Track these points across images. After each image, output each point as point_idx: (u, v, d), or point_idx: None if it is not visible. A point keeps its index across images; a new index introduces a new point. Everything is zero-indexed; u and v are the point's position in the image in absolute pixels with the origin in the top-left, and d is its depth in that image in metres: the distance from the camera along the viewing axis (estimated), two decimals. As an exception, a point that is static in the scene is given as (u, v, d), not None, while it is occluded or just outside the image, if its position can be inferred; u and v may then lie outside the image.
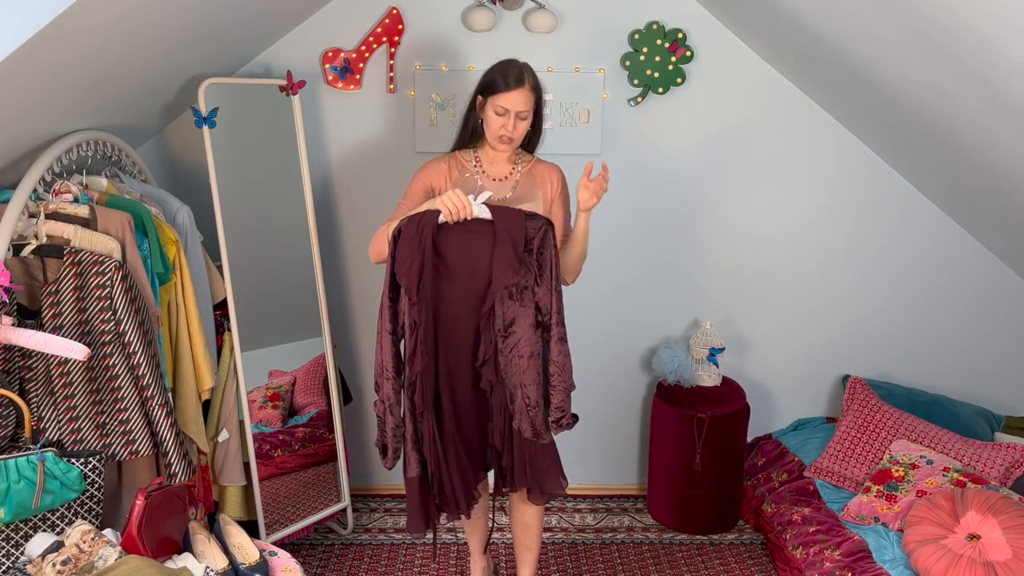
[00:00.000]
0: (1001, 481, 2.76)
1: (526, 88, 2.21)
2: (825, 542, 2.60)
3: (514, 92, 2.19)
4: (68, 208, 2.15)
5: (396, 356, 2.20)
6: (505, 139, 2.24)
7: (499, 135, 2.24)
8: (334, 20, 2.96)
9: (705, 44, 3.03)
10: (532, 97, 2.23)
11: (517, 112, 2.21)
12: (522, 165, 2.37)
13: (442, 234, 2.13)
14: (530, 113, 2.24)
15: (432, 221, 2.11)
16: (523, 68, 2.23)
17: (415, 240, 2.10)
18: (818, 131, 3.13)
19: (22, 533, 1.99)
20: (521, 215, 2.14)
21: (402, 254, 2.12)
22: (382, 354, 2.19)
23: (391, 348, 2.18)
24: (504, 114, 2.21)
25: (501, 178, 2.34)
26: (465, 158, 2.36)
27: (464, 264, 2.16)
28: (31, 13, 1.60)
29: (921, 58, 2.16)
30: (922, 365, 3.35)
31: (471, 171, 2.34)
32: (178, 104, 2.87)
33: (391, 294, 2.16)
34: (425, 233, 2.11)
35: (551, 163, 2.41)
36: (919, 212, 3.20)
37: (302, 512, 2.89)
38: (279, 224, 2.88)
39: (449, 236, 2.14)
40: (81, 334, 2.12)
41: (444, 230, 2.13)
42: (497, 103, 2.21)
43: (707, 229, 3.22)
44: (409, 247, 2.11)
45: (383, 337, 2.18)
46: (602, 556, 3.01)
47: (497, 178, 2.34)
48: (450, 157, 2.37)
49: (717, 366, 3.16)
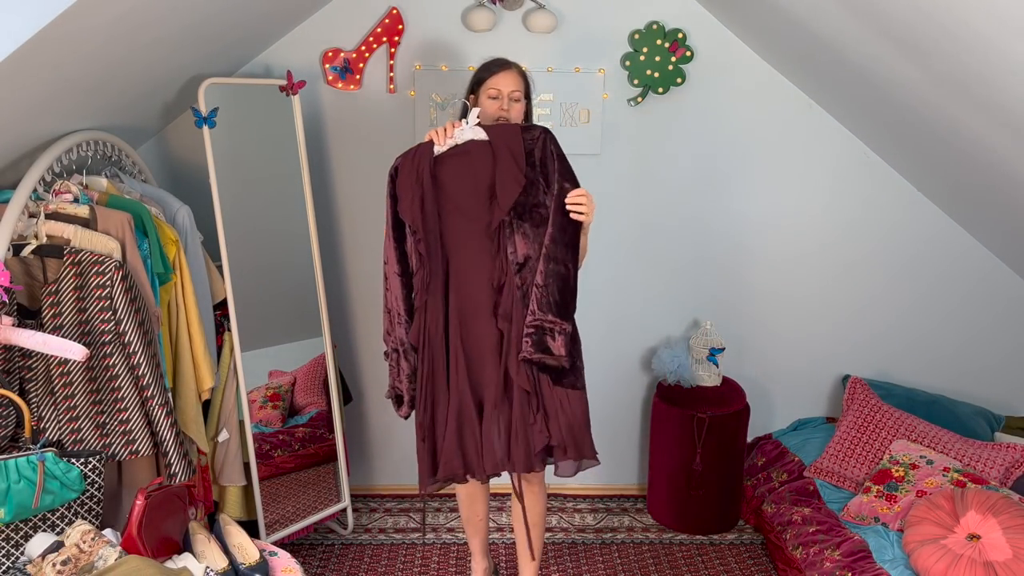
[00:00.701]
0: (1001, 481, 2.76)
1: (515, 71, 2.27)
2: (825, 542, 2.60)
3: (502, 73, 2.26)
4: (68, 208, 2.15)
5: (408, 299, 2.14)
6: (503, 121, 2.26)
7: (496, 117, 2.26)
8: (334, 20, 2.96)
9: (705, 44, 3.03)
10: (522, 82, 2.28)
11: (509, 92, 2.25)
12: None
13: (439, 164, 2.11)
14: (522, 95, 2.28)
15: (427, 152, 2.09)
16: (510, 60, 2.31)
17: (412, 174, 2.08)
18: (818, 131, 3.13)
19: (22, 533, 1.99)
20: (516, 128, 2.12)
21: (402, 191, 2.08)
22: (392, 297, 2.14)
23: (401, 290, 2.13)
24: (497, 96, 2.25)
25: None
26: None
27: (466, 190, 2.12)
28: (31, 13, 1.60)
29: (921, 58, 2.17)
30: (922, 365, 3.35)
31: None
32: (178, 104, 2.87)
33: (395, 235, 2.11)
34: (422, 165, 2.08)
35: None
36: (919, 212, 3.20)
37: (302, 512, 2.89)
38: (279, 224, 2.88)
39: (446, 164, 2.10)
40: (81, 334, 2.12)
41: (441, 160, 2.10)
42: (489, 86, 2.26)
43: (707, 229, 3.22)
44: (408, 181, 2.08)
45: (391, 280, 2.14)
46: (602, 556, 3.01)
47: None
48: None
49: (717, 366, 3.16)
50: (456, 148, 2.10)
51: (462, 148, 2.10)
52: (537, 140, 2.11)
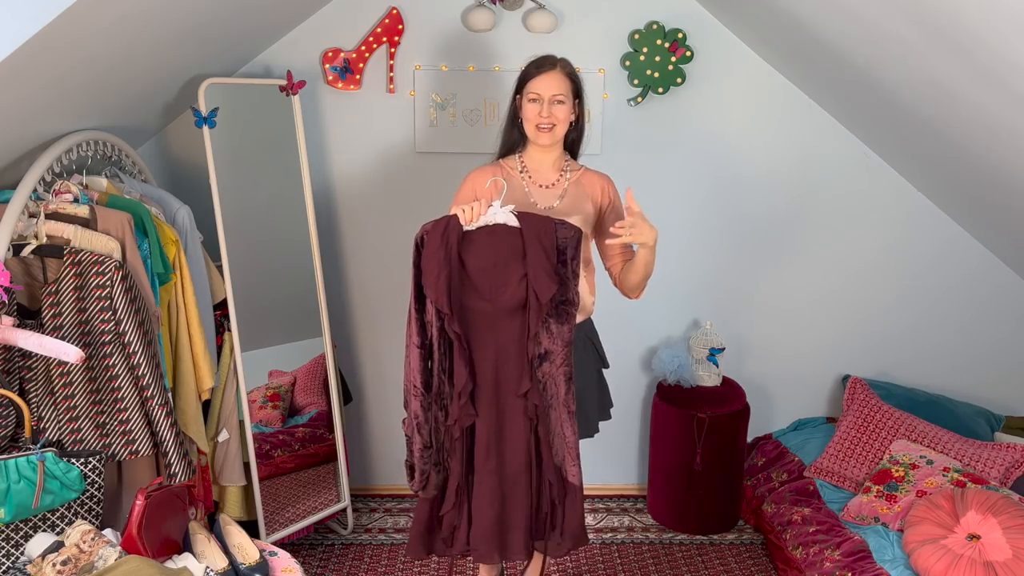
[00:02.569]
0: (1001, 481, 2.76)
1: (558, 71, 2.15)
2: (825, 542, 2.60)
3: (545, 75, 2.14)
4: (68, 208, 2.15)
5: (425, 371, 2.05)
6: (544, 128, 2.16)
7: (536, 123, 2.16)
8: (334, 20, 2.96)
9: (705, 44, 3.03)
10: (567, 82, 2.16)
11: (551, 96, 2.14)
12: (571, 174, 2.28)
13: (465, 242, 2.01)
14: (567, 98, 2.16)
15: (457, 227, 1.99)
16: (556, 57, 2.19)
17: (441, 250, 1.98)
18: (818, 131, 3.13)
19: (22, 533, 1.99)
20: (550, 222, 2.01)
21: (428, 265, 1.99)
22: (410, 369, 2.05)
23: (419, 363, 2.04)
24: (538, 100, 2.15)
25: (548, 185, 2.26)
26: (510, 165, 2.29)
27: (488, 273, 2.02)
28: (31, 14, 1.60)
29: (921, 58, 2.16)
30: (922, 365, 3.34)
31: (517, 178, 2.26)
32: (178, 104, 2.87)
33: (417, 304, 2.03)
34: (451, 242, 1.98)
35: (600, 172, 2.33)
36: (918, 211, 3.20)
37: (302, 512, 2.89)
38: (279, 224, 2.88)
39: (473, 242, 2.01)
40: (81, 334, 2.12)
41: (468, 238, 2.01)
42: (530, 90, 2.16)
43: (707, 228, 3.22)
44: (434, 257, 1.98)
45: (411, 351, 2.05)
46: (602, 556, 3.01)
47: (544, 184, 2.26)
48: (495, 165, 2.30)
49: (717, 366, 3.16)
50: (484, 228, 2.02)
51: (490, 228, 2.01)
52: (571, 239, 2.03)
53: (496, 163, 2.31)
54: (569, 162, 2.32)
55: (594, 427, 2.43)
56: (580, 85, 2.22)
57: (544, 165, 2.27)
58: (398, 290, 3.13)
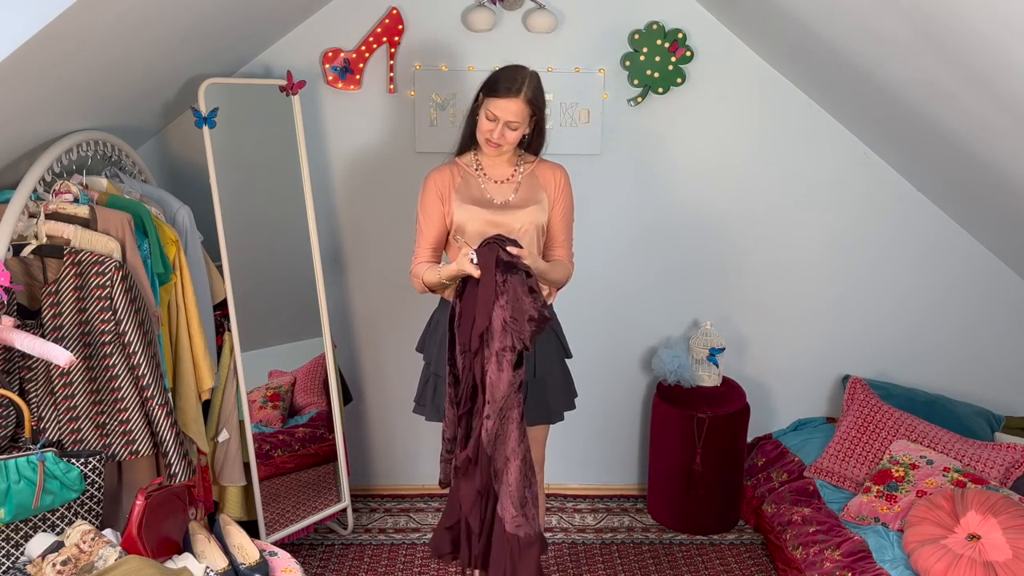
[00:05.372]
0: (1001, 481, 2.76)
1: (520, 100, 2.19)
2: (825, 542, 2.60)
3: (506, 100, 2.18)
4: (68, 208, 2.15)
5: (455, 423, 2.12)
6: (491, 144, 2.25)
7: (485, 138, 2.24)
8: (334, 20, 2.96)
9: (705, 44, 3.03)
10: (526, 110, 2.21)
11: (506, 121, 2.20)
12: (524, 167, 2.36)
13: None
14: (521, 125, 2.22)
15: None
16: (526, 79, 2.20)
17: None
18: (818, 131, 3.13)
19: (22, 533, 1.99)
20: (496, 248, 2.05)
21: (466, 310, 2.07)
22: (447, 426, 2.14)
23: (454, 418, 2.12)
24: (494, 120, 2.21)
25: (502, 180, 2.34)
26: (466, 162, 2.36)
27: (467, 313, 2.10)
28: (31, 13, 1.60)
29: (921, 57, 2.16)
30: (922, 365, 3.34)
31: (472, 175, 2.33)
32: (178, 104, 2.87)
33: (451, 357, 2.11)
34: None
35: (555, 163, 2.39)
36: (918, 211, 3.20)
37: (302, 512, 2.89)
38: (279, 224, 2.88)
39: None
40: (81, 334, 2.12)
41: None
42: (489, 108, 2.21)
43: (707, 229, 3.22)
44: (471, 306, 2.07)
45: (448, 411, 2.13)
46: (602, 556, 3.01)
47: (498, 180, 2.33)
48: (451, 164, 2.36)
49: (717, 366, 3.16)
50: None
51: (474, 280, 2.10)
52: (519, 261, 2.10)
53: (453, 162, 2.37)
54: (523, 155, 2.38)
55: (557, 416, 2.42)
56: (542, 104, 2.27)
57: (499, 162, 2.34)
58: (398, 290, 3.13)
